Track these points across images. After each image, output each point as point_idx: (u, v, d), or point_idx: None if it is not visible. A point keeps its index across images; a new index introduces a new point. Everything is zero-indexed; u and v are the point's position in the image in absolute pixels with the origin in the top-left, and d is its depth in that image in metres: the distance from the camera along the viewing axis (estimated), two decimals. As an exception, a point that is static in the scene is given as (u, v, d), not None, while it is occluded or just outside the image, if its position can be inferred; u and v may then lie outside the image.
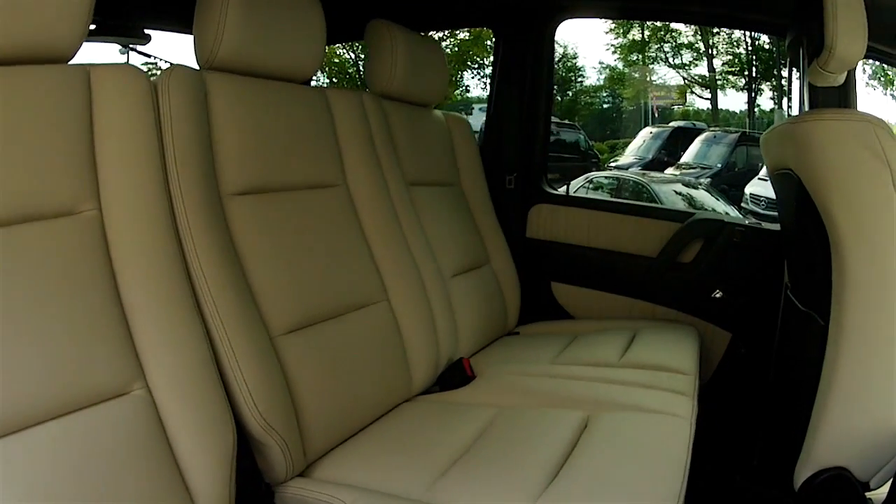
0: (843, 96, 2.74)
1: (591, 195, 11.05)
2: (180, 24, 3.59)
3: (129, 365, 1.52)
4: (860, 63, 2.73)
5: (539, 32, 3.54)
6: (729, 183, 13.46)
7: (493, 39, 3.69)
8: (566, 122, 18.19)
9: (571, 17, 3.61)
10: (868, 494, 2.03)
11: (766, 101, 17.91)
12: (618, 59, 19.11)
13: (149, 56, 3.75)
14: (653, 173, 13.48)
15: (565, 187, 3.86)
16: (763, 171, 10.61)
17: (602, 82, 20.05)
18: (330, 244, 2.20)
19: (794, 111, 2.74)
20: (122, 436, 1.45)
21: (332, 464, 1.92)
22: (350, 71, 17.00)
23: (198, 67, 2.00)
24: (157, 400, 1.54)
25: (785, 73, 2.69)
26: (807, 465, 2.09)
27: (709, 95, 18.91)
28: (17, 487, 1.25)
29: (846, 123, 2.01)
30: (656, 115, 18.47)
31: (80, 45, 1.61)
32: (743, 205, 11.58)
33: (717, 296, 3.24)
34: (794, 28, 2.59)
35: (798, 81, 2.61)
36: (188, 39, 2.10)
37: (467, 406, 2.29)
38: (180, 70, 1.87)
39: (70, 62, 1.61)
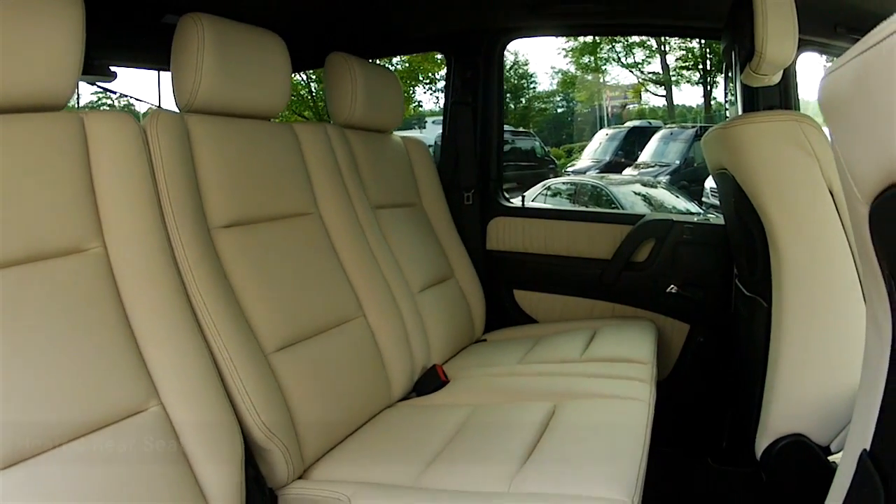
0: (784, 93, 3.07)
1: (550, 202, 11.23)
2: (146, 60, 3.81)
3: (144, 385, 1.72)
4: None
5: (488, 54, 3.84)
6: (689, 179, 13.58)
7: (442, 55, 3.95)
8: (521, 129, 18.37)
9: (518, 38, 3.91)
10: (831, 458, 2.26)
11: (722, 94, 18.09)
12: (570, 62, 19.23)
13: (107, 91, 3.95)
14: (611, 175, 13.64)
15: (520, 198, 4.14)
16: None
17: (555, 87, 20.19)
18: (308, 268, 2.45)
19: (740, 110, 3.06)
20: (143, 449, 1.64)
21: (328, 465, 2.15)
22: (302, 93, 17.19)
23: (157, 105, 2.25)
24: (171, 415, 1.74)
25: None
26: (765, 434, 2.37)
27: (664, 92, 19.10)
28: (46, 495, 1.45)
29: (773, 124, 2.31)
30: (611, 116, 18.67)
31: (73, 92, 1.78)
32: (704, 199, 11.64)
33: (672, 291, 3.55)
34: (727, 34, 2.89)
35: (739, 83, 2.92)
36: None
37: (444, 407, 2.55)
38: (165, 114, 2.10)
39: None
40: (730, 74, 3.01)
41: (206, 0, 2.41)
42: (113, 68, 3.69)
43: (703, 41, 18.23)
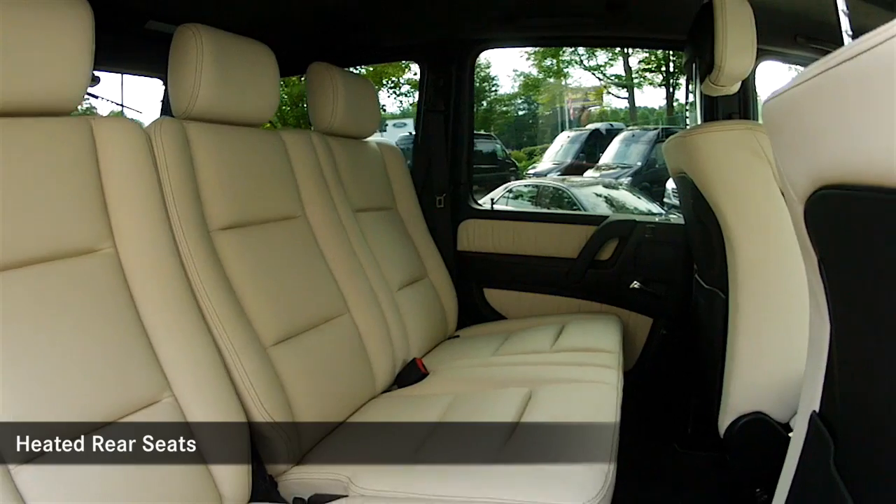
0: (743, 100, 3.40)
1: (512, 204, 11.34)
2: (129, 66, 3.91)
3: (158, 378, 1.85)
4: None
5: (460, 65, 4.07)
6: (651, 180, 13.64)
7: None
8: (482, 132, 18.38)
9: (488, 48, 4.15)
10: (791, 434, 2.54)
11: (684, 96, 17.92)
12: (532, 65, 19.16)
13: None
14: (572, 178, 13.73)
15: (489, 201, 4.37)
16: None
17: (516, 90, 20.13)
18: (298, 268, 2.63)
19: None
20: (159, 438, 1.76)
21: (324, 452, 2.32)
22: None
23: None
24: (183, 405, 1.87)
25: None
26: (727, 413, 2.61)
27: (626, 95, 19.15)
28: (74, 487, 1.57)
29: (728, 133, 2.57)
30: (572, 118, 18.72)
31: (82, 98, 1.88)
32: (666, 200, 11.67)
33: (636, 286, 3.83)
34: (689, 49, 3.15)
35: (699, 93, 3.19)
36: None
37: (427, 396, 2.75)
38: (168, 121, 2.25)
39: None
40: (691, 85, 3.27)
41: (188, 8, 2.57)
42: (95, 73, 3.80)
43: (665, 47, 18.25)
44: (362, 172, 3.42)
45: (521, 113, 20.47)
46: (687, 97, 3.52)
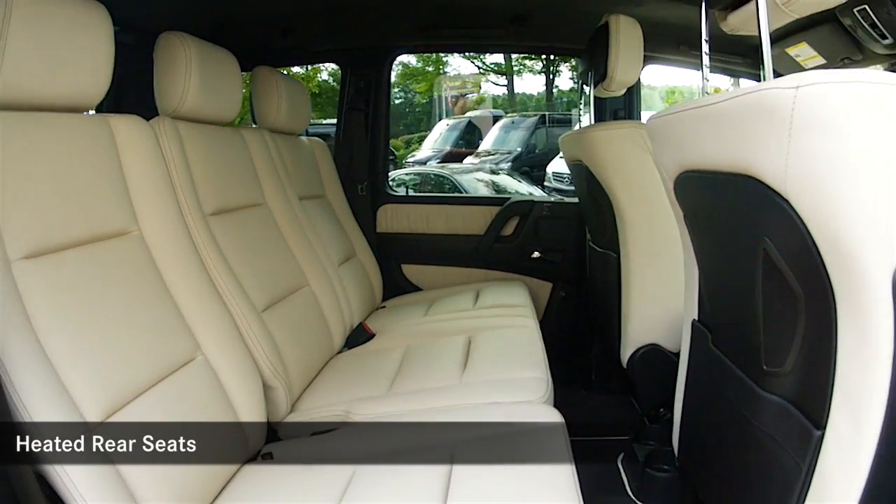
0: (629, 101, 4.32)
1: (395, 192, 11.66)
2: None
3: (189, 340, 2.15)
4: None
5: (378, 67, 4.64)
6: (531, 164, 14.05)
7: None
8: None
9: (405, 53, 4.86)
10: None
11: (564, 83, 18.32)
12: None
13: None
14: (452, 165, 13.96)
15: (404, 188, 4.97)
16: (559, 152, 11.06)
17: (394, 79, 19.79)
18: (268, 247, 3.08)
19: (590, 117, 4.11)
20: (197, 389, 2.11)
21: (311, 399, 2.77)
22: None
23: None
24: (211, 362, 2.20)
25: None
26: (627, 346, 3.33)
27: (505, 82, 19.36)
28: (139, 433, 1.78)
29: (619, 131, 3.31)
30: (451, 106, 18.79)
31: (102, 96, 2.06)
32: (546, 183, 12.56)
33: (536, 256, 4.57)
34: (585, 60, 3.89)
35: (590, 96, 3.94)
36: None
37: (382, 350, 3.28)
38: (167, 120, 2.54)
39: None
40: (585, 89, 4.01)
41: (130, 11, 2.88)
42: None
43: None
44: (300, 164, 3.89)
45: (397, 102, 20.53)
46: (580, 97, 4.22)
